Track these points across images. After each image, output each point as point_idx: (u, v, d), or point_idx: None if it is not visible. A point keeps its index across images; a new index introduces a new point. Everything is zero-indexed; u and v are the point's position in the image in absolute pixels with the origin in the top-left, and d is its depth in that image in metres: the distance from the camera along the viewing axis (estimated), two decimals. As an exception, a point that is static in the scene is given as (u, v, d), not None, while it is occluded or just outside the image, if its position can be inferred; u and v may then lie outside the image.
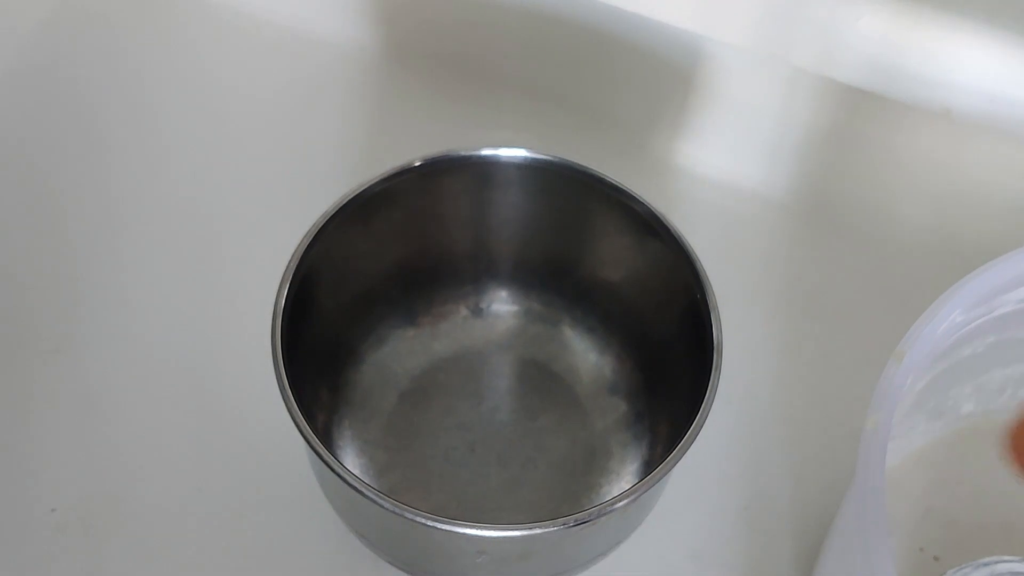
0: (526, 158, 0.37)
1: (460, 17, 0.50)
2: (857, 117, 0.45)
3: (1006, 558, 0.34)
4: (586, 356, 0.41)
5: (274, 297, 0.34)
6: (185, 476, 0.39)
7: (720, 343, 0.34)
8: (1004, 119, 0.42)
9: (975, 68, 0.41)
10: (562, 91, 0.50)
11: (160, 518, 0.38)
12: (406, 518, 0.30)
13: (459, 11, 0.49)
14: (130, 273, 0.44)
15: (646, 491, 0.31)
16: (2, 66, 0.50)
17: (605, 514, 0.31)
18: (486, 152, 0.37)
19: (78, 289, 0.43)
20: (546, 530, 0.30)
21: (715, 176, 0.48)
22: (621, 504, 0.31)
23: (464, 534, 0.30)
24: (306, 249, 0.35)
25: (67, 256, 0.44)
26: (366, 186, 0.36)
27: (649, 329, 0.39)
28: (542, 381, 0.41)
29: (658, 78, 0.48)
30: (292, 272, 0.34)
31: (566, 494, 0.38)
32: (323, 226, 0.35)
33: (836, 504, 0.39)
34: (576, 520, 0.30)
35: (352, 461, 0.38)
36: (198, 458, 0.39)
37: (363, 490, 0.30)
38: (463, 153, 0.37)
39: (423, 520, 0.30)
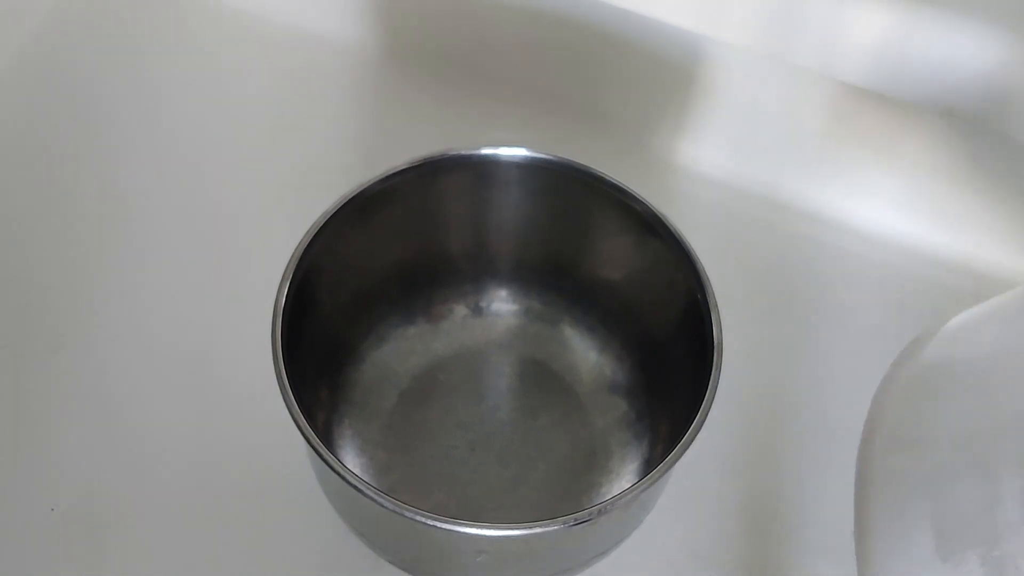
0: (526, 157, 0.37)
1: (460, 17, 0.50)
2: (857, 116, 0.45)
3: None
4: (586, 355, 0.41)
5: (274, 296, 0.34)
6: (185, 475, 0.39)
7: (720, 343, 0.34)
8: (1004, 118, 0.42)
9: (976, 67, 0.41)
10: (562, 91, 0.50)
11: (160, 517, 0.38)
12: (406, 517, 0.30)
13: (459, 11, 0.49)
14: (131, 272, 0.44)
15: (646, 490, 0.31)
16: (4, 65, 0.50)
17: (605, 513, 0.31)
18: (486, 152, 0.37)
19: (79, 288, 0.43)
20: (546, 529, 0.30)
21: (716, 175, 0.48)
22: (621, 503, 0.31)
23: (464, 533, 0.30)
24: (306, 248, 0.35)
25: (68, 255, 0.44)
26: (366, 185, 0.36)
27: (650, 328, 0.39)
28: (542, 380, 0.41)
29: (658, 78, 0.48)
30: (292, 271, 0.34)
31: (566, 493, 0.38)
32: (323, 225, 0.35)
33: (837, 503, 0.39)
34: (576, 519, 0.30)
35: (352, 460, 0.38)
36: (198, 457, 0.39)
37: (363, 489, 0.30)
38: (463, 153, 0.37)
39: (423, 519, 0.30)
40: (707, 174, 0.48)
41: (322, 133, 0.49)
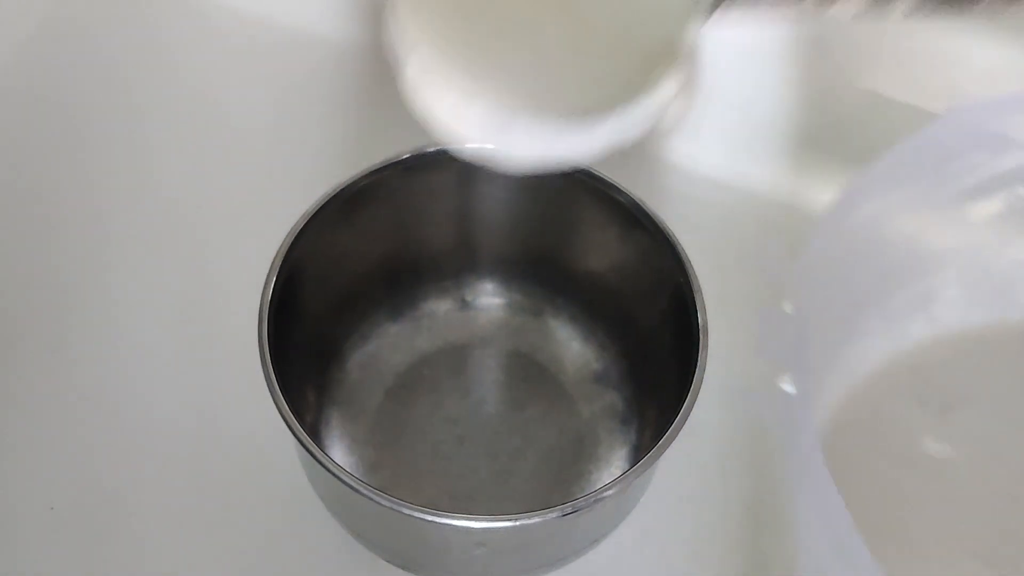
0: (509, 151, 0.37)
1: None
2: (855, 115, 0.45)
3: None
4: (569, 345, 0.41)
5: (259, 297, 0.33)
6: (180, 476, 0.39)
7: (706, 325, 0.34)
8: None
9: (977, 67, 0.41)
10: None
11: (156, 518, 0.38)
12: (399, 512, 0.30)
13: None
14: (118, 273, 0.44)
15: (639, 476, 0.32)
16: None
17: (598, 501, 0.31)
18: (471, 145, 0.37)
19: (68, 290, 0.43)
20: (538, 519, 0.30)
21: (710, 173, 0.48)
22: (614, 491, 0.31)
23: (457, 526, 0.30)
24: (289, 248, 0.34)
25: (57, 256, 0.44)
26: (347, 183, 0.36)
27: (634, 316, 0.39)
28: (528, 372, 0.41)
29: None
30: (276, 271, 0.34)
31: (556, 483, 0.38)
32: (306, 224, 0.35)
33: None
34: (570, 508, 0.30)
35: (341, 460, 0.38)
36: (193, 458, 0.39)
37: (356, 486, 0.30)
38: (445, 147, 0.37)
39: (416, 514, 0.30)
40: (701, 171, 0.48)
41: (312, 132, 0.49)
